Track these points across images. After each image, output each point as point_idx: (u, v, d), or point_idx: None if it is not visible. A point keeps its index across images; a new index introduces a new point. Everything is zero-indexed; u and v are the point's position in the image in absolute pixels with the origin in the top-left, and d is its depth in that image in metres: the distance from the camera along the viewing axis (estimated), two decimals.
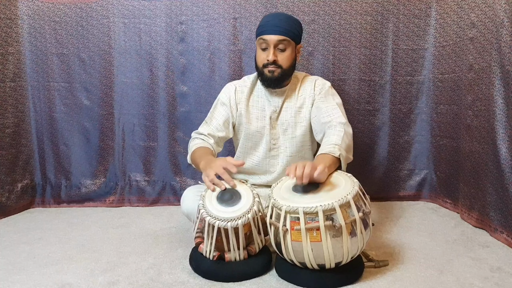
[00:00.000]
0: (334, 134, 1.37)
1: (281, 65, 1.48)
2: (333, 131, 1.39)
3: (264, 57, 1.48)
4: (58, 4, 2.05)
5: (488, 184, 1.62)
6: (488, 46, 1.63)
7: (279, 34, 1.45)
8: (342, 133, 1.37)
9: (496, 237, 1.56)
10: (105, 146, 2.17)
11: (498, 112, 1.54)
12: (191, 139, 1.59)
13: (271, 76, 1.49)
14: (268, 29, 1.46)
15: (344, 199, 1.12)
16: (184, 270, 1.31)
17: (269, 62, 1.46)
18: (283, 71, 1.49)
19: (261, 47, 1.49)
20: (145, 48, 2.09)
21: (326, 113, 1.47)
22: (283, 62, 1.48)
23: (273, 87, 1.54)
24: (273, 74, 1.48)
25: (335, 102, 1.51)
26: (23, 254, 1.48)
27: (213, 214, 1.20)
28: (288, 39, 1.47)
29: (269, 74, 1.49)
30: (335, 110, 1.47)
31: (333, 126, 1.41)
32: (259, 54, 1.51)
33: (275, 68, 1.47)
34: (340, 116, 1.45)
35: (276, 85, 1.53)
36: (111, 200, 2.17)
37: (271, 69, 1.48)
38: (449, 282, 1.21)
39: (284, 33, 1.45)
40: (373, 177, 2.17)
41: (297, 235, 1.13)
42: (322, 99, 1.53)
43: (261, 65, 1.51)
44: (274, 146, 1.59)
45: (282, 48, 1.47)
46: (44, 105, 2.12)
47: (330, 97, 1.54)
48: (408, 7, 2.03)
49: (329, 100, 1.52)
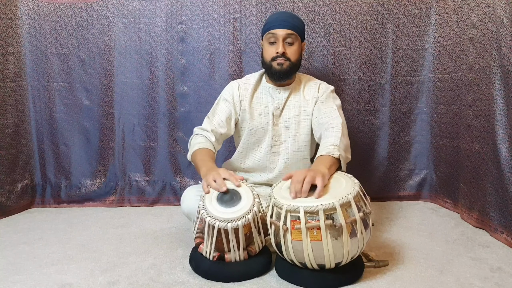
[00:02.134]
0: (332, 136, 1.39)
1: (289, 57, 1.51)
2: (330, 132, 1.42)
3: (273, 50, 1.51)
4: (58, 4, 2.05)
5: (488, 184, 1.62)
6: (488, 46, 1.63)
7: (287, 28, 1.49)
8: (339, 133, 1.40)
9: (496, 237, 1.56)
10: (105, 146, 2.17)
11: (498, 112, 1.54)
12: (194, 134, 1.59)
13: (280, 68, 1.51)
14: (276, 24, 1.51)
15: (345, 199, 1.12)
16: (184, 270, 1.31)
17: (279, 54, 1.49)
18: (291, 64, 1.52)
19: (270, 41, 1.52)
20: (145, 48, 2.09)
21: (325, 114, 1.50)
22: (291, 55, 1.51)
23: (282, 79, 1.55)
24: (282, 67, 1.51)
25: (334, 104, 1.55)
26: (23, 254, 1.48)
27: (213, 214, 1.20)
28: (296, 33, 1.51)
29: (278, 67, 1.51)
30: (333, 112, 1.50)
31: (330, 127, 1.44)
32: (267, 48, 1.54)
33: (284, 60, 1.50)
34: (337, 117, 1.48)
35: (285, 77, 1.55)
36: (111, 200, 2.17)
37: (280, 61, 1.50)
38: (449, 282, 1.21)
39: (292, 27, 1.50)
40: (373, 177, 2.17)
41: (298, 234, 1.13)
42: (323, 101, 1.56)
43: (269, 59, 1.53)
44: (276, 143, 1.60)
45: (290, 42, 1.51)
46: (44, 105, 2.12)
47: (330, 99, 1.57)
48: (408, 7, 2.03)
49: (329, 102, 1.55)
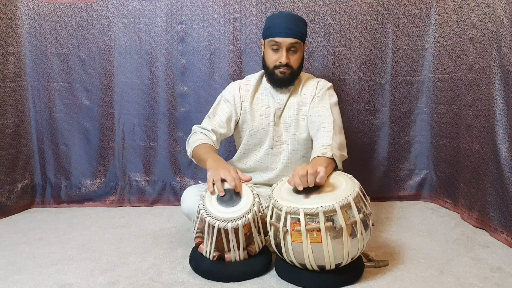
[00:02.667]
0: (324, 136, 1.39)
1: (292, 66, 1.51)
2: (322, 132, 1.41)
3: (276, 59, 1.50)
4: (58, 4, 2.05)
5: (488, 184, 1.62)
6: (488, 46, 1.63)
7: (292, 37, 1.47)
8: (331, 133, 1.39)
9: (496, 237, 1.56)
10: (105, 146, 2.17)
11: (498, 112, 1.54)
12: (193, 132, 1.57)
13: (282, 76, 1.51)
14: (280, 31, 1.47)
15: (345, 200, 1.12)
16: (184, 270, 1.31)
17: (282, 64, 1.49)
18: (293, 71, 1.52)
19: (272, 48, 1.51)
20: (145, 48, 2.09)
21: (317, 113, 1.49)
22: (294, 63, 1.51)
23: (284, 87, 1.56)
24: (285, 75, 1.51)
25: (329, 102, 1.53)
26: (23, 254, 1.48)
27: (213, 214, 1.20)
28: (300, 41, 1.50)
29: (281, 75, 1.51)
30: (326, 110, 1.49)
31: (322, 127, 1.43)
32: (270, 55, 1.52)
33: (287, 69, 1.50)
34: (329, 115, 1.46)
35: (287, 85, 1.55)
36: (111, 200, 2.17)
37: (283, 70, 1.50)
38: (449, 282, 1.21)
39: (296, 35, 1.48)
40: (373, 177, 2.17)
41: (298, 236, 1.12)
42: (319, 99, 1.55)
43: (272, 66, 1.52)
44: (277, 143, 1.59)
45: (293, 50, 1.50)
46: (44, 105, 2.12)
47: (326, 97, 1.55)
48: (408, 7, 2.03)
49: (324, 100, 1.54)
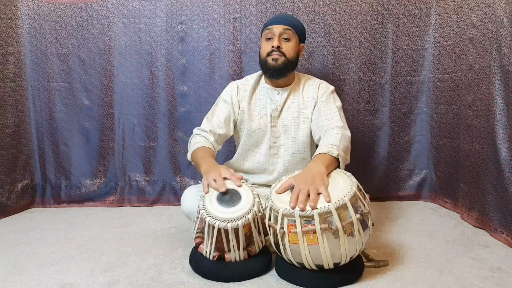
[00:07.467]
0: (332, 136, 1.38)
1: (284, 53, 1.51)
2: (330, 133, 1.41)
3: (269, 45, 1.52)
4: (58, 4, 2.05)
5: (488, 184, 1.62)
6: (488, 46, 1.63)
7: (284, 24, 1.51)
8: (339, 135, 1.39)
9: (496, 237, 1.56)
10: (105, 146, 2.17)
11: (498, 112, 1.54)
12: (193, 135, 1.59)
13: (274, 64, 1.50)
14: (274, 20, 1.54)
15: (340, 201, 1.11)
16: (184, 270, 1.31)
17: (274, 48, 1.49)
18: (286, 60, 1.51)
19: (266, 37, 1.53)
20: (145, 48, 2.09)
21: (325, 116, 1.48)
22: (287, 50, 1.51)
23: (276, 76, 1.54)
24: (277, 62, 1.50)
25: (335, 105, 1.53)
26: (23, 254, 1.48)
27: (213, 214, 1.20)
28: (293, 30, 1.52)
29: (273, 63, 1.50)
30: (334, 114, 1.49)
31: (330, 129, 1.43)
32: (264, 44, 1.55)
33: (279, 55, 1.50)
34: (338, 120, 1.46)
35: (279, 75, 1.53)
36: (111, 200, 2.17)
37: (275, 56, 1.50)
38: (449, 282, 1.21)
39: (289, 24, 1.52)
40: (373, 177, 2.17)
41: (294, 238, 1.12)
42: (324, 102, 1.54)
43: (265, 54, 1.53)
44: (275, 145, 1.59)
45: (286, 38, 1.52)
46: (44, 105, 2.12)
47: (331, 100, 1.55)
48: (408, 7, 2.03)
49: (329, 104, 1.53)
